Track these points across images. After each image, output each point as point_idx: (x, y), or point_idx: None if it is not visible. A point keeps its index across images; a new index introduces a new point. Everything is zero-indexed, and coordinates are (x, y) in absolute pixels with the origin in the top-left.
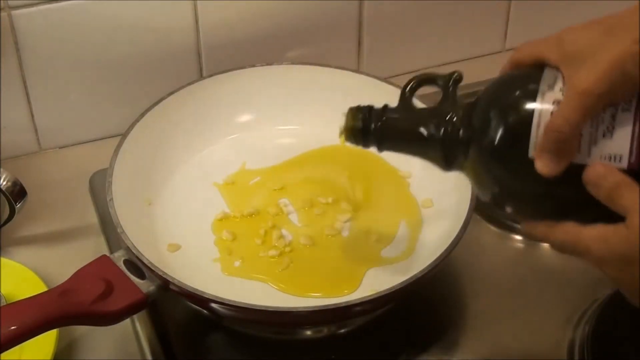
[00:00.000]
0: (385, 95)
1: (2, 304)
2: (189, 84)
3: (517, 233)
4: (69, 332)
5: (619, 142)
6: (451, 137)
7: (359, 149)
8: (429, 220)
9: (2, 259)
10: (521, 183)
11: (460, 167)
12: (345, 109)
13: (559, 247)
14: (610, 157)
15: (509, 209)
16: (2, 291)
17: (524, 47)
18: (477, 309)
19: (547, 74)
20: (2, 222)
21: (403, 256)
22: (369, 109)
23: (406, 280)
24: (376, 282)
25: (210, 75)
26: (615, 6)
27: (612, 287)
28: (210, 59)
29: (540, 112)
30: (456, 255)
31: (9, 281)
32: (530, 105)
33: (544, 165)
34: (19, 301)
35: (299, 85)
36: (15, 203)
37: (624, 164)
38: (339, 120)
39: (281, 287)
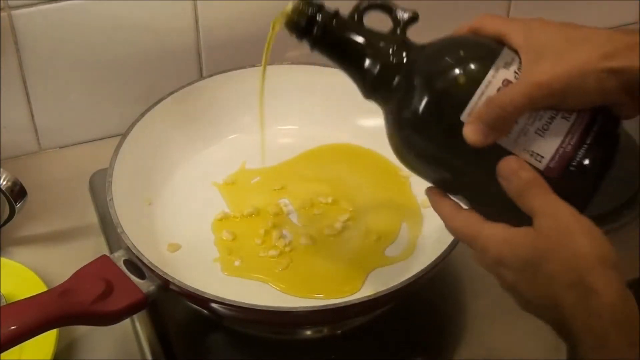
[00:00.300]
0: None
1: (2, 304)
2: (189, 84)
3: None
4: (69, 332)
5: (547, 144)
6: (386, 75)
7: (358, 148)
8: (429, 220)
9: (2, 259)
10: (441, 142)
11: (381, 101)
12: (345, 109)
13: (456, 234)
14: (532, 154)
15: (415, 166)
16: (2, 291)
17: (487, 19)
18: (477, 309)
19: (506, 53)
20: (2, 222)
21: (403, 256)
22: (320, 7)
23: (406, 280)
24: (376, 282)
25: (210, 75)
26: (614, 6)
27: None
28: (210, 59)
29: (489, 83)
30: (456, 255)
31: (9, 281)
32: (481, 72)
33: (472, 132)
34: (19, 301)
35: (299, 85)
36: (15, 203)
37: (542, 165)
38: (339, 121)
39: (281, 287)
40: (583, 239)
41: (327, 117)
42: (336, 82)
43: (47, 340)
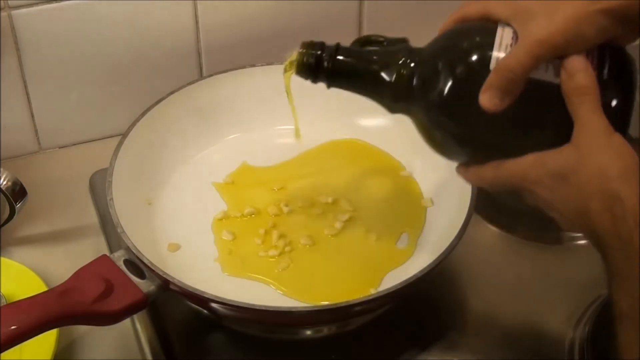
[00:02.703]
0: None
1: (2, 304)
2: (189, 84)
3: (517, 233)
4: (69, 332)
5: None
6: (403, 81)
7: (359, 144)
8: (429, 220)
9: (2, 259)
10: (464, 123)
11: (407, 111)
12: (345, 109)
13: (494, 183)
14: None
15: (447, 150)
16: (2, 291)
17: (470, 5)
18: (477, 309)
19: (500, 27)
20: (2, 222)
21: (403, 256)
22: (322, 45)
23: (406, 280)
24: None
25: (210, 75)
26: None
27: None
28: (210, 59)
29: (497, 58)
30: (456, 255)
31: (9, 281)
32: (487, 53)
33: (487, 100)
34: (19, 301)
35: (299, 86)
36: (15, 203)
37: None
38: (340, 121)
39: (283, 290)
40: (611, 151)
41: (327, 117)
42: None
43: (47, 340)
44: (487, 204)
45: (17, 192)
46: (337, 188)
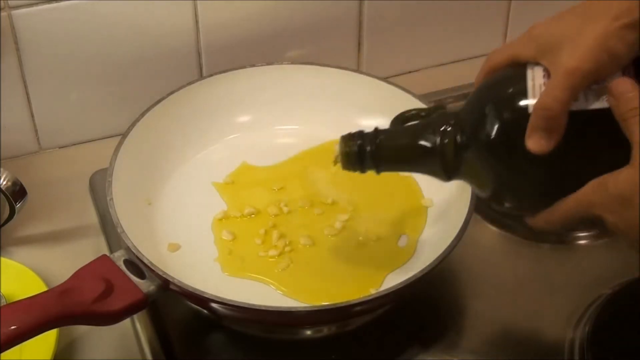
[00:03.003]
0: (385, 95)
1: (2, 304)
2: (189, 84)
3: (517, 233)
4: (69, 332)
5: None
6: (448, 145)
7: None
8: (429, 220)
9: (2, 259)
10: (520, 173)
11: (461, 175)
12: (345, 109)
13: (565, 221)
14: None
15: (510, 205)
16: (2, 291)
17: (496, 53)
18: (477, 309)
19: (529, 69)
20: (2, 222)
21: (404, 256)
22: (361, 133)
23: (406, 280)
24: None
25: (210, 75)
26: None
27: (611, 287)
28: (210, 59)
29: (532, 97)
30: (456, 255)
31: (9, 281)
32: (523, 100)
33: (534, 143)
34: (19, 301)
35: (299, 85)
36: (15, 203)
37: None
38: (339, 121)
39: (283, 290)
40: None
41: (327, 117)
42: (336, 82)
43: (47, 340)
44: (487, 204)
45: (17, 192)
46: (337, 188)
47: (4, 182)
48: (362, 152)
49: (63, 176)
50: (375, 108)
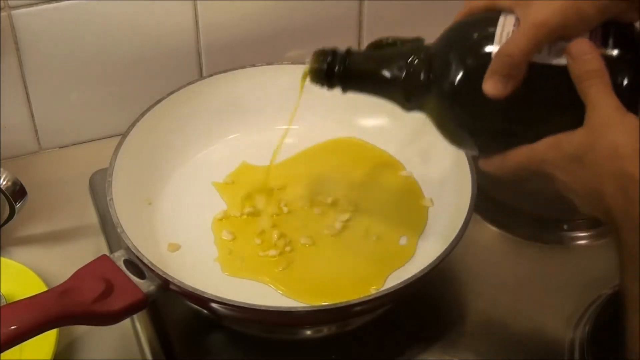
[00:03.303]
0: None
1: (2, 304)
2: (189, 84)
3: (517, 233)
4: (69, 332)
5: None
6: (413, 77)
7: (359, 146)
8: (429, 220)
9: (2, 259)
10: (476, 115)
11: (420, 107)
12: (345, 109)
13: (515, 172)
14: None
15: (464, 144)
16: (2, 291)
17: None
18: (477, 308)
19: (502, 17)
20: (2, 222)
21: (404, 256)
22: (333, 52)
23: (406, 280)
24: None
25: (210, 75)
26: None
27: (611, 287)
28: (210, 59)
29: (499, 41)
30: (456, 255)
31: (9, 281)
32: (488, 45)
33: (491, 86)
34: (19, 301)
35: (299, 85)
36: (15, 203)
37: None
38: (339, 121)
39: (282, 290)
40: (624, 131)
41: (327, 117)
42: None
43: (47, 340)
44: (487, 204)
45: (17, 192)
46: (337, 188)
47: (4, 182)
48: (331, 71)
49: (63, 176)
50: (375, 108)
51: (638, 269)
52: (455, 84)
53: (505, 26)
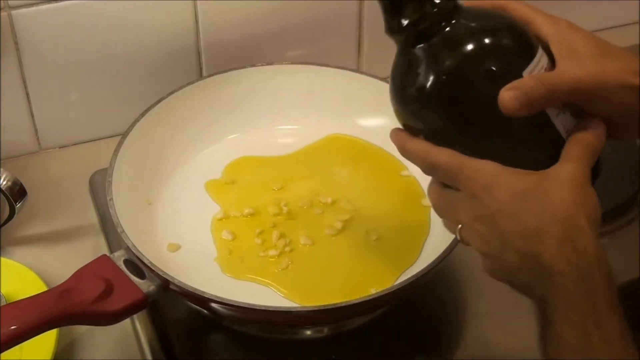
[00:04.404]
0: (385, 95)
1: (2, 304)
2: (189, 84)
3: None
4: (69, 332)
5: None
6: (428, 18)
7: (359, 146)
8: (429, 220)
9: (2, 259)
10: (461, 100)
11: (401, 43)
12: (345, 109)
13: (439, 166)
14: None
15: (410, 107)
16: (2, 291)
17: (513, 2)
18: (477, 309)
19: (541, 51)
20: (2, 222)
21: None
22: None
23: (406, 280)
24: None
25: (210, 75)
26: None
27: None
28: (210, 59)
29: (538, 62)
30: (456, 256)
31: (9, 281)
32: (524, 60)
33: (509, 98)
34: (19, 301)
35: (299, 85)
36: (15, 203)
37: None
38: (339, 121)
39: (284, 292)
40: (586, 194)
41: (327, 118)
42: (336, 82)
43: (47, 340)
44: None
45: (17, 192)
46: (337, 188)
47: (4, 182)
48: None
49: (63, 176)
50: (375, 108)
51: (575, 317)
52: (465, 60)
53: (541, 60)
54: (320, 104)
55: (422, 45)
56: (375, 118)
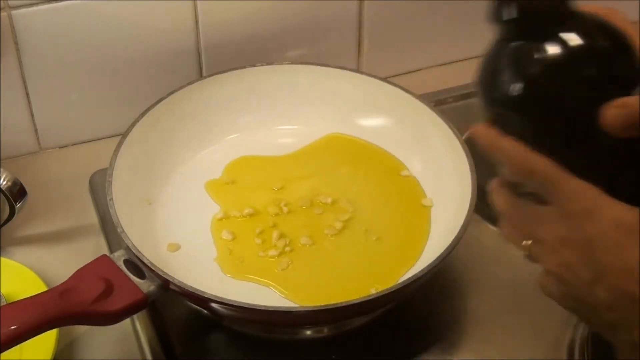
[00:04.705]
0: (385, 96)
1: (2, 304)
2: (189, 84)
3: None
4: (69, 332)
5: None
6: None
7: (359, 146)
8: (429, 220)
9: (2, 259)
10: (558, 95)
11: (508, 29)
12: (345, 109)
13: (537, 171)
14: None
15: (500, 95)
16: (2, 291)
17: (615, 13)
18: (477, 309)
19: None
20: (2, 222)
21: (405, 255)
22: None
23: (406, 280)
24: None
25: (210, 75)
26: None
27: None
28: (210, 59)
29: None
30: (456, 255)
31: (9, 281)
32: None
33: (613, 114)
34: (19, 301)
35: (299, 85)
36: (15, 203)
37: None
38: (339, 121)
39: (285, 294)
40: None
41: (327, 117)
42: (336, 82)
43: (47, 340)
44: (487, 204)
45: (17, 192)
46: (337, 188)
47: (4, 182)
48: None
49: (63, 176)
50: (375, 108)
51: None
52: (589, 71)
53: None
54: (320, 104)
55: (535, 42)
56: (375, 118)
